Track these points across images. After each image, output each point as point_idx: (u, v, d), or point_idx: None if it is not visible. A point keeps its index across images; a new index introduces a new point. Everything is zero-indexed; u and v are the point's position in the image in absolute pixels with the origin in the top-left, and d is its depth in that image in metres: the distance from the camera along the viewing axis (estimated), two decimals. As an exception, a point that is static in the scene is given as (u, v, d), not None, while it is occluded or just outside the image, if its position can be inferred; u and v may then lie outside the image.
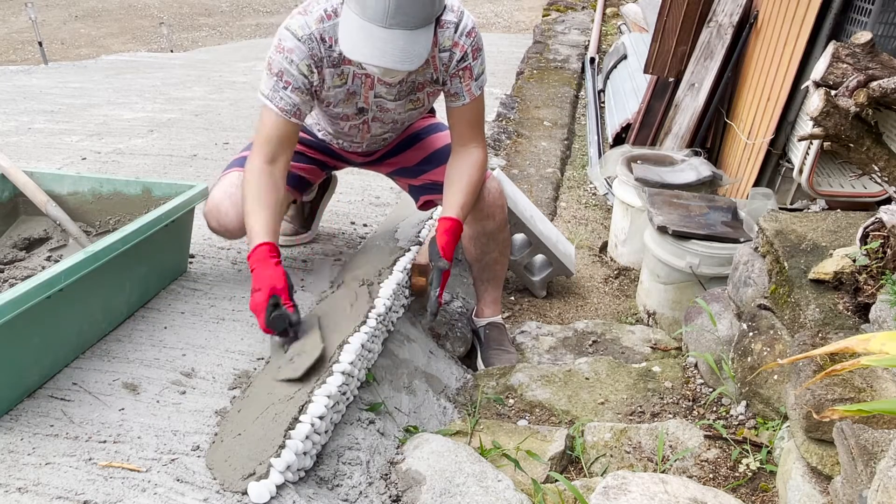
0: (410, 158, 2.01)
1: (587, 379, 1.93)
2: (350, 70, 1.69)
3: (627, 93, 4.63)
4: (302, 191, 2.03)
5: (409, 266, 1.97)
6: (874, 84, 1.58)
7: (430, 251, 1.76)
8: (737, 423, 1.65)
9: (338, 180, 2.41)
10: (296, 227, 2.23)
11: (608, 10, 8.35)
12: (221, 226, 1.79)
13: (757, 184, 2.89)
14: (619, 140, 4.22)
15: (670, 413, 1.79)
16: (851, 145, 1.65)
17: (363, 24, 1.43)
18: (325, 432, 1.40)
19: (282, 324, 1.50)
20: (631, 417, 1.78)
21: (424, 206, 2.09)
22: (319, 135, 1.98)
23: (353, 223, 2.44)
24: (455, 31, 1.65)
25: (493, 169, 2.30)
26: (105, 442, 1.30)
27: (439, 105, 1.91)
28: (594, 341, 2.25)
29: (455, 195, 1.79)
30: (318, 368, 1.46)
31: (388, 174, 2.10)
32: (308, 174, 2.00)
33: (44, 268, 1.82)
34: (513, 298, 2.73)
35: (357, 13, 1.45)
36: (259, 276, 1.52)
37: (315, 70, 1.63)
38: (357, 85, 1.72)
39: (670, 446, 1.57)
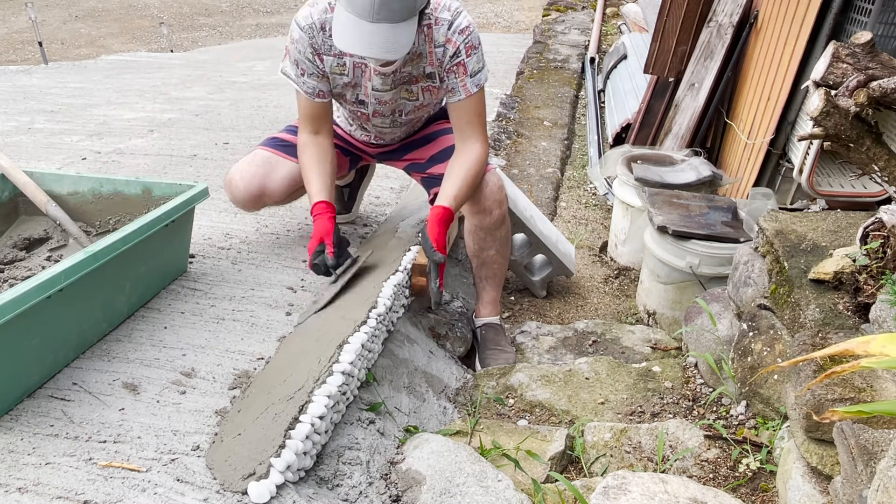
0: (423, 155, 2.12)
1: (587, 379, 1.93)
2: (350, 61, 1.81)
3: (627, 93, 4.63)
4: None
5: (409, 266, 1.98)
6: (874, 84, 1.58)
7: (424, 245, 1.84)
8: (737, 422, 1.65)
9: (376, 167, 2.52)
10: (337, 208, 2.32)
11: (608, 10, 8.34)
12: (233, 197, 2.00)
13: (757, 184, 2.88)
14: (619, 140, 4.22)
15: (670, 413, 1.78)
16: (851, 145, 1.65)
17: (352, 18, 1.57)
18: (325, 432, 1.40)
19: (320, 268, 1.84)
20: (631, 417, 1.78)
21: (435, 199, 2.13)
22: (338, 126, 2.12)
23: (353, 223, 2.45)
24: (448, 28, 1.75)
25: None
26: (105, 442, 1.30)
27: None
28: (594, 341, 2.25)
29: (449, 186, 1.87)
30: (331, 305, 1.81)
31: (404, 168, 2.20)
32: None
33: (44, 268, 1.82)
34: (513, 298, 2.73)
35: (347, 9, 1.57)
36: (314, 227, 1.85)
37: (316, 56, 1.80)
38: (358, 76, 1.84)
39: (670, 446, 1.57)
